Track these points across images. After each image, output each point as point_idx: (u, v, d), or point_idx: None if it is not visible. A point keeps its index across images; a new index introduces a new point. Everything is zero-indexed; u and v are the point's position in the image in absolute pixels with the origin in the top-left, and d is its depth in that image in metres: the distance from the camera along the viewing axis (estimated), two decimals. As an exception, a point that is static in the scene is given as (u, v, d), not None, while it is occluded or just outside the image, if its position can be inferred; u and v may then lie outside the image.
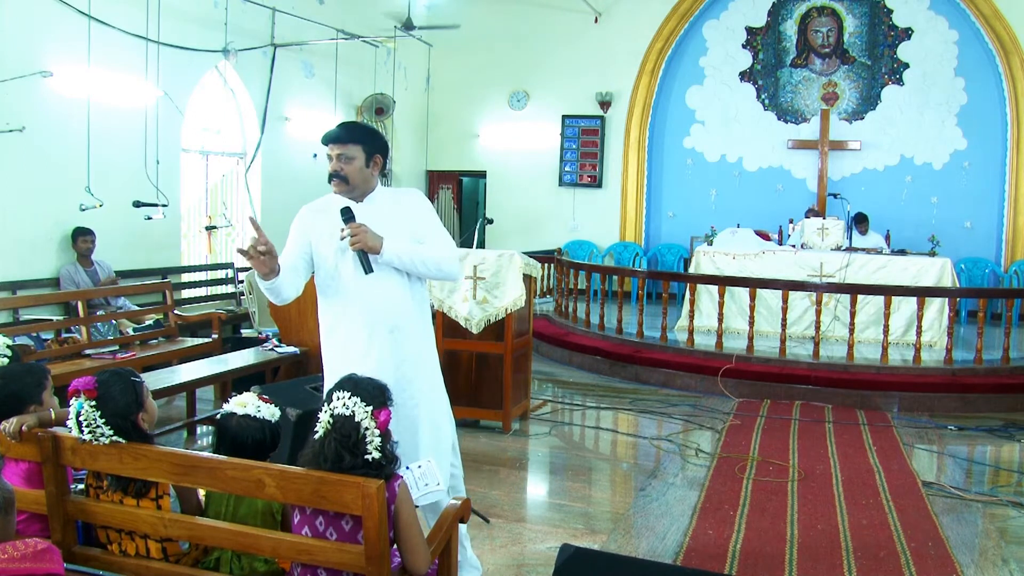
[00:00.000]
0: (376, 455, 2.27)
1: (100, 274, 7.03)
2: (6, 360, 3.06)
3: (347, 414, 2.29)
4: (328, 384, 2.92)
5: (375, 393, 2.35)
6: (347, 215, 3.03)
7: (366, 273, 2.99)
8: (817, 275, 8.44)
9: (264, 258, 2.87)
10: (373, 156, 3.13)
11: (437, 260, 3.12)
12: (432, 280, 3.43)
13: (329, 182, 3.15)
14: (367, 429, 2.27)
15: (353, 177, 3.11)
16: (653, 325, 8.32)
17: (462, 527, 3.27)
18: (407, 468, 2.61)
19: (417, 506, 2.55)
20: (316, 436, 2.34)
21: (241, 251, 2.90)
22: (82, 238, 6.93)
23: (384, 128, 12.28)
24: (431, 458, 2.81)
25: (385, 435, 2.31)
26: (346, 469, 2.26)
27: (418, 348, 3.20)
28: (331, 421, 2.31)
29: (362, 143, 3.10)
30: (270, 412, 2.74)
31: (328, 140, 3.11)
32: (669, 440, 5.84)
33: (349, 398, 2.30)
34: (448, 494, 3.21)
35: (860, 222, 9.88)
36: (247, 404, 2.72)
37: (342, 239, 3.01)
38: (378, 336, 3.10)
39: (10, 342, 3.19)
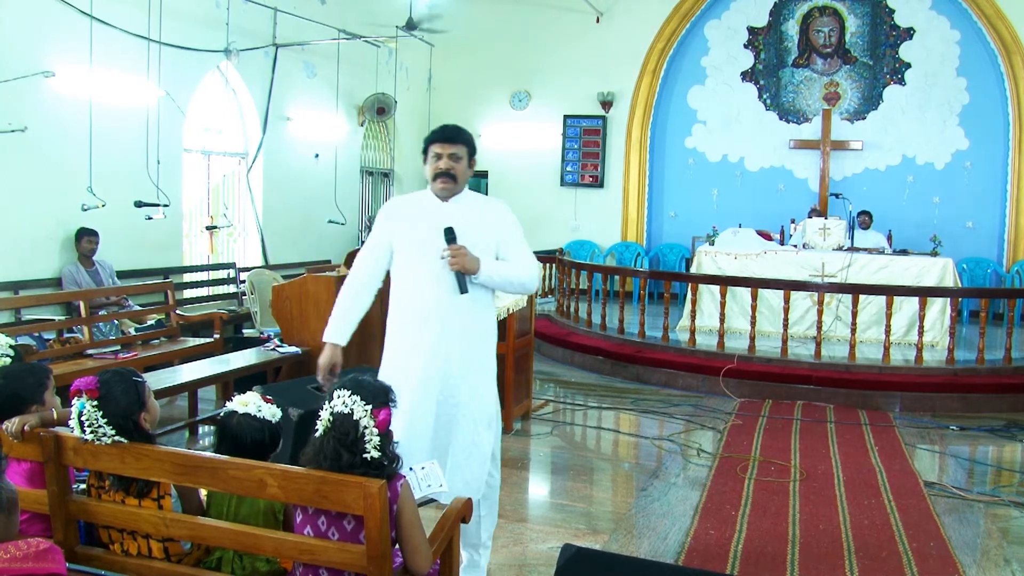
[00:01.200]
0: (375, 454, 2.26)
1: (101, 274, 7.04)
2: (8, 360, 3.06)
3: (346, 412, 2.29)
4: (381, 372, 3.15)
5: (376, 393, 2.35)
6: (450, 236, 3.13)
7: (461, 293, 3.13)
8: (819, 275, 8.44)
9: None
10: (472, 158, 3.28)
11: (522, 280, 3.27)
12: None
13: (434, 180, 3.22)
14: (366, 428, 2.27)
15: (459, 176, 3.22)
16: (655, 325, 8.32)
17: (485, 538, 3.38)
18: (410, 468, 2.62)
19: (420, 504, 2.55)
20: (316, 434, 2.35)
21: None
22: (87, 238, 6.93)
23: (385, 128, 12.31)
24: (435, 460, 2.82)
25: (386, 435, 2.30)
26: (344, 467, 2.26)
27: (469, 350, 3.25)
28: (331, 419, 2.32)
29: (467, 144, 3.24)
30: (271, 412, 2.74)
31: (440, 139, 3.21)
32: (671, 440, 5.84)
33: (349, 396, 2.30)
34: (482, 503, 3.29)
35: (864, 217, 9.89)
36: (248, 403, 2.72)
37: (442, 258, 3.13)
38: (430, 332, 3.20)
39: (12, 342, 3.19)
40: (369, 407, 2.29)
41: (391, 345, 3.31)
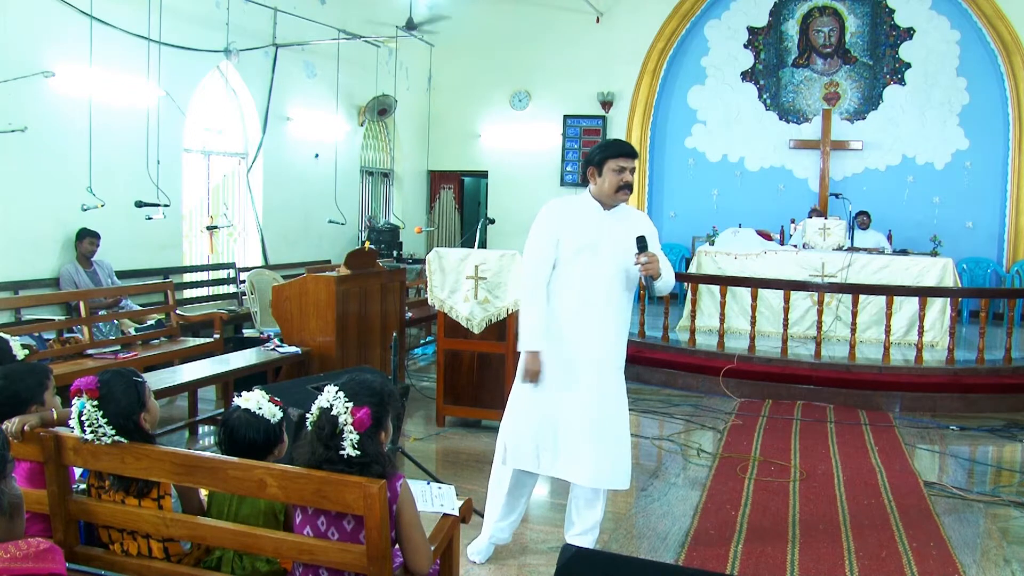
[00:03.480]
0: (352, 452, 2.24)
1: (100, 274, 7.04)
2: (27, 352, 3.10)
3: (326, 407, 2.30)
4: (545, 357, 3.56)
5: (370, 389, 2.33)
6: (642, 244, 3.47)
7: (651, 294, 3.67)
8: (819, 275, 8.44)
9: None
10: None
11: (671, 284, 3.66)
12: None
13: (616, 192, 3.56)
14: (344, 425, 2.26)
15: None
16: (654, 325, 8.32)
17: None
18: (427, 483, 2.62)
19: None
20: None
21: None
22: (89, 239, 6.93)
23: (385, 128, 12.31)
24: (452, 486, 2.84)
25: (369, 434, 2.27)
26: (321, 461, 2.26)
27: (619, 344, 3.64)
28: (315, 413, 2.34)
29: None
30: (271, 412, 2.73)
31: (625, 154, 3.55)
32: (671, 440, 5.84)
33: (335, 392, 2.30)
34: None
35: (863, 217, 9.89)
36: (250, 400, 2.72)
37: (635, 264, 3.48)
38: (593, 326, 3.55)
39: (23, 341, 3.21)
40: (350, 404, 2.28)
41: (555, 336, 3.54)
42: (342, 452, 2.25)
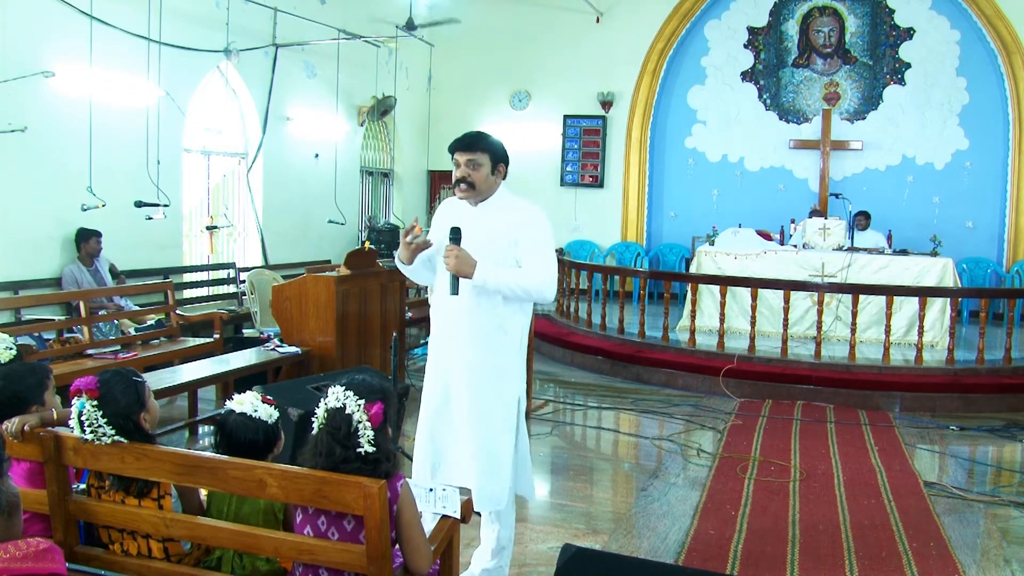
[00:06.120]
0: (369, 448, 2.25)
1: (102, 272, 7.04)
2: (12, 353, 3.07)
3: (338, 407, 2.30)
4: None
5: (371, 389, 2.34)
6: (454, 235, 3.13)
7: (451, 294, 3.14)
8: (819, 275, 8.44)
9: (411, 248, 3.23)
10: (497, 164, 3.31)
11: (527, 287, 3.16)
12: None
13: (455, 187, 3.27)
14: (359, 422, 2.27)
15: (480, 183, 3.24)
16: (655, 325, 8.32)
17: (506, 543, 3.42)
18: (430, 489, 2.61)
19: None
20: (313, 432, 2.36)
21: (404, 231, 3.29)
22: (94, 239, 6.93)
23: (385, 128, 12.31)
24: (457, 487, 2.72)
25: (380, 430, 2.29)
26: (339, 463, 2.26)
27: (471, 356, 3.21)
28: (325, 415, 2.33)
29: (489, 151, 3.27)
30: (267, 412, 2.73)
31: (457, 148, 3.26)
32: (671, 440, 5.84)
33: (343, 392, 2.31)
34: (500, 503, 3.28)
35: (861, 218, 9.89)
36: (245, 403, 2.72)
37: (444, 257, 3.14)
38: (441, 335, 3.32)
39: (14, 340, 3.19)
40: (362, 401, 2.29)
41: (434, 338, 3.40)
42: (359, 450, 2.26)
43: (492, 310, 3.22)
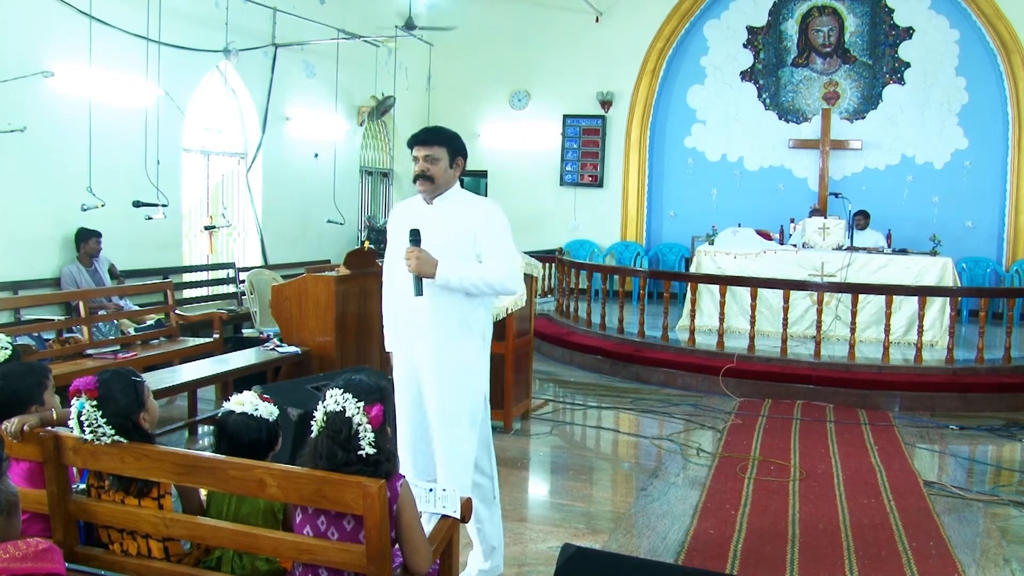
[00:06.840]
0: (370, 451, 2.26)
1: (101, 272, 7.04)
2: (7, 352, 3.06)
3: (338, 410, 2.29)
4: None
5: (369, 390, 2.34)
6: (414, 237, 3.14)
7: (415, 295, 3.13)
8: (818, 275, 8.44)
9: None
10: (456, 158, 3.28)
11: (490, 281, 3.19)
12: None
13: (414, 182, 3.28)
14: (359, 425, 2.27)
15: (438, 177, 3.24)
16: (654, 325, 8.32)
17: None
18: (430, 490, 2.61)
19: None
20: (312, 435, 2.35)
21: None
22: (94, 239, 6.93)
23: (385, 128, 12.30)
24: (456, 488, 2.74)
25: (380, 431, 2.30)
26: (340, 465, 2.26)
27: (436, 354, 3.23)
28: (324, 418, 2.32)
29: (446, 145, 3.25)
30: (268, 411, 2.73)
31: (415, 142, 3.26)
32: (670, 440, 5.84)
33: (342, 394, 2.30)
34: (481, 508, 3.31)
35: (860, 217, 9.89)
36: (245, 403, 2.72)
37: (405, 259, 3.14)
38: (403, 335, 3.33)
39: (11, 340, 3.19)
40: (361, 404, 2.29)
41: (399, 340, 3.38)
42: (360, 452, 2.26)
43: (455, 306, 3.24)
